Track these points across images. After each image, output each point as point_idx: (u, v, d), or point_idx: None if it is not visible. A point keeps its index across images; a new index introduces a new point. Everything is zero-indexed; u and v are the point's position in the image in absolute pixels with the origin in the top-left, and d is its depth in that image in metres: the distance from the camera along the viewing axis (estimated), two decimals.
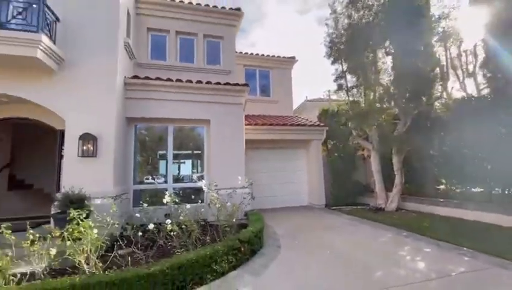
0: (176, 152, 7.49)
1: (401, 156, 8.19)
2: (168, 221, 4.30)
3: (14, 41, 4.91)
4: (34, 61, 5.16)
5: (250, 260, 4.45)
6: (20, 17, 5.18)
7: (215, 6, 8.58)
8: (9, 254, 3.29)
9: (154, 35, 8.43)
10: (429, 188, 8.24)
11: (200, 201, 6.28)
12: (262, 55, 11.51)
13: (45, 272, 3.57)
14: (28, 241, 3.44)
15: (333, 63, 9.12)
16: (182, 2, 8.30)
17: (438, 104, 8.40)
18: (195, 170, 8.07)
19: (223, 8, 8.68)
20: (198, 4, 8.46)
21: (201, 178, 7.53)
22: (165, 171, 7.42)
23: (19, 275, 3.27)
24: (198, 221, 4.79)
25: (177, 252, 4.34)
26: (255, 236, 4.75)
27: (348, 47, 8.35)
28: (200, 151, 7.75)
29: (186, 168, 8.14)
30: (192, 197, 6.61)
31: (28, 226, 3.57)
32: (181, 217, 4.78)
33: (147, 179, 7.43)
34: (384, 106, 8.39)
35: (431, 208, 7.79)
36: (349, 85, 9.03)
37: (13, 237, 3.34)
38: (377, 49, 8.34)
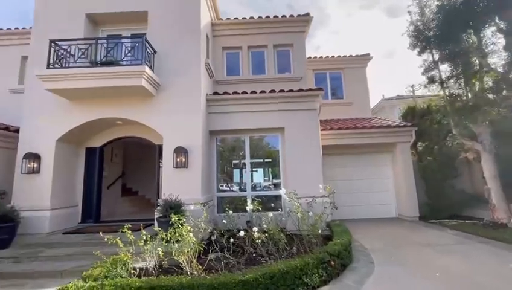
0: (252, 161, 7.75)
1: None
2: (255, 229, 4.37)
3: (126, 75, 6.02)
4: (139, 89, 6.20)
5: (341, 275, 4.10)
6: (129, 54, 6.34)
7: (283, 16, 8.72)
8: (131, 250, 3.91)
9: (228, 53, 9.11)
10: None
11: (280, 209, 6.26)
12: (333, 56, 11.02)
13: (155, 269, 4.10)
14: (142, 241, 4.03)
15: (420, 53, 7.92)
16: (253, 17, 8.74)
17: None
18: (266, 178, 8.14)
19: (291, 16, 8.74)
20: (268, 17, 8.75)
21: (276, 186, 7.55)
22: (243, 180, 7.74)
23: (138, 270, 3.84)
24: (282, 230, 4.73)
25: (263, 260, 4.36)
26: (344, 249, 4.38)
27: (440, 32, 7.11)
28: (273, 160, 7.81)
29: (260, 176, 8.29)
30: (272, 205, 6.64)
31: (142, 228, 4.19)
32: (264, 226, 4.82)
33: (221, 186, 7.84)
34: (499, 95, 6.73)
35: None
36: (443, 76, 7.65)
37: (132, 237, 3.95)
38: (481, 28, 6.84)
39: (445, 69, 7.64)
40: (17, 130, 6.80)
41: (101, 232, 4.09)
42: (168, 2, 7.13)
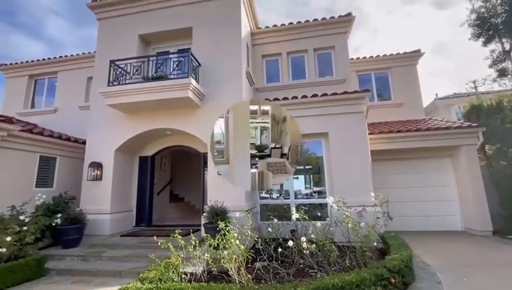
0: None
1: None
2: (303, 238, 4.16)
3: (173, 88, 6.40)
4: (186, 100, 6.53)
5: None
6: (177, 68, 6.76)
7: (323, 19, 8.50)
8: (181, 255, 4.02)
9: (267, 60, 9.16)
10: None
11: (326, 218, 5.93)
12: (378, 56, 10.33)
13: (204, 275, 4.14)
14: (192, 246, 4.11)
15: (486, 43, 6.98)
16: (292, 23, 8.69)
17: None
18: (308, 185, 7.79)
19: (332, 17, 8.47)
20: (307, 21, 8.61)
21: (319, 193, 7.21)
22: (283, 187, 7.54)
23: (188, 275, 3.92)
24: (333, 241, 4.44)
25: (312, 272, 4.12)
26: (405, 266, 3.91)
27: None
28: (313, 166, 7.49)
29: (301, 183, 7.97)
30: (318, 214, 6.31)
31: (191, 233, 4.30)
32: (312, 235, 4.58)
33: (261, 193, 7.70)
34: None
35: None
36: None
37: (183, 242, 4.07)
38: None
39: None
40: (84, 142, 7.70)
41: (154, 237, 4.30)
42: (211, 17, 7.49)
